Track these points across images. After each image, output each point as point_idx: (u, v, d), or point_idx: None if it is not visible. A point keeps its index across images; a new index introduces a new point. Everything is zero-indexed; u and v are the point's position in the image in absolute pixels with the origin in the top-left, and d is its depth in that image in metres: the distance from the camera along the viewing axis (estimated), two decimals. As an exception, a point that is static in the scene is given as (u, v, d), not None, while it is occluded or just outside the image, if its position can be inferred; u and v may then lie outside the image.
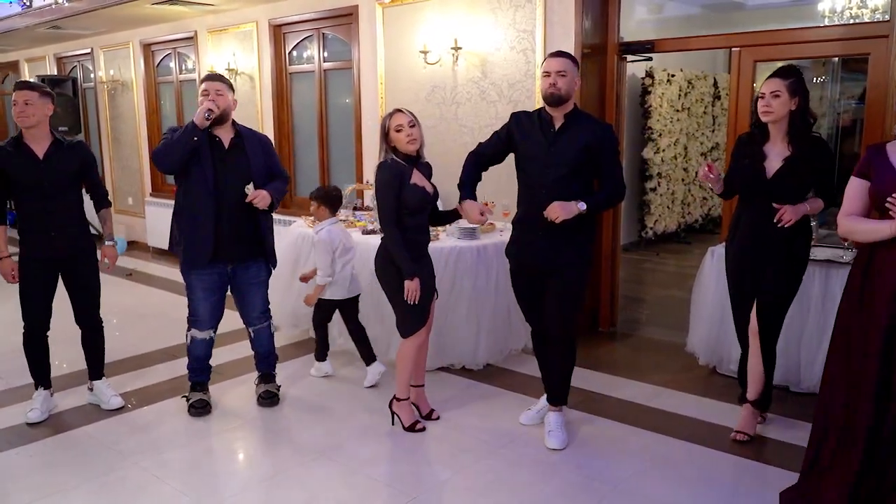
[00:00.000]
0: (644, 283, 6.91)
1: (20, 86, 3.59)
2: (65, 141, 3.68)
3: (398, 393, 3.56)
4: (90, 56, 9.10)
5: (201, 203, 3.60)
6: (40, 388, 3.81)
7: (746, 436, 3.41)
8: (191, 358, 3.89)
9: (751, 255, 3.30)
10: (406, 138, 3.29)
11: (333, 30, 6.24)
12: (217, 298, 3.82)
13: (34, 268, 3.65)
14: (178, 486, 3.08)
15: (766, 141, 3.25)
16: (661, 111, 7.94)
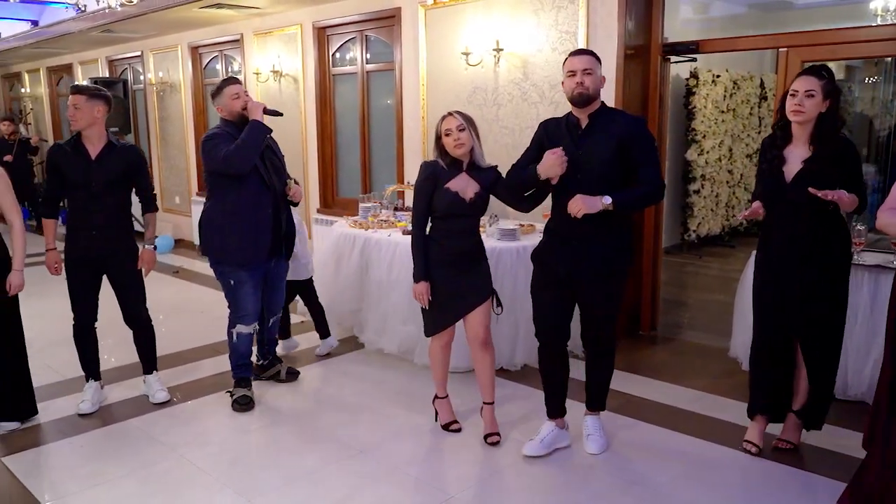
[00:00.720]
0: (686, 286, 6.82)
1: (71, 90, 3.73)
2: (118, 143, 3.80)
3: (436, 390, 3.62)
4: (140, 59, 9.35)
5: (260, 202, 3.76)
6: (91, 381, 3.94)
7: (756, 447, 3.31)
8: (236, 354, 3.97)
9: (786, 265, 3.11)
10: (453, 142, 3.24)
11: (376, 32, 6.30)
12: (261, 292, 3.97)
13: (76, 264, 3.78)
14: (222, 479, 3.16)
15: (787, 143, 3.10)
16: (705, 112, 7.82)
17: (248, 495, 3.02)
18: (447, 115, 3.30)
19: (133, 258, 3.85)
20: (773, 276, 3.20)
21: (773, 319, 3.22)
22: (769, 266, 3.22)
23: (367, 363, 4.59)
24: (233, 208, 3.74)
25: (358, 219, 5.17)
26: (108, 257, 3.78)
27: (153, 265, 3.93)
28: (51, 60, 11.48)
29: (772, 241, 3.19)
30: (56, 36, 9.02)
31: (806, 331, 3.17)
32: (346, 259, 4.88)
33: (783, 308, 3.17)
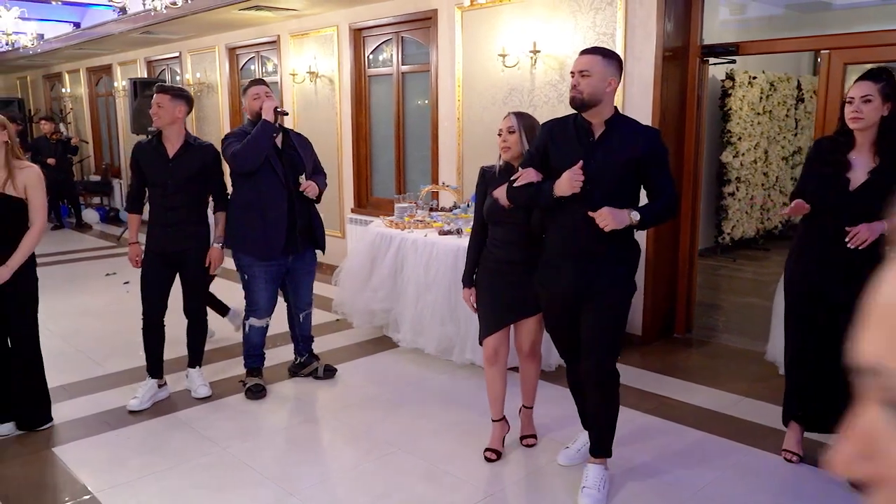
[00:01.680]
0: (720, 289, 6.77)
1: (157, 89, 3.84)
2: (195, 142, 3.89)
3: (491, 410, 3.39)
4: (178, 59, 9.52)
5: (274, 198, 3.90)
6: (148, 378, 4.00)
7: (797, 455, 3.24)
8: (248, 345, 4.18)
9: (822, 275, 3.00)
10: (500, 144, 3.15)
11: (412, 33, 6.35)
12: (275, 288, 4.13)
13: (152, 258, 3.91)
14: (264, 473, 3.23)
15: (851, 149, 2.94)
16: (741, 114, 7.75)
17: (290, 489, 3.08)
18: (508, 114, 3.18)
19: (204, 256, 3.94)
20: (817, 283, 3.05)
21: (810, 326, 3.09)
22: (814, 271, 3.06)
23: (403, 362, 4.64)
24: (247, 204, 3.91)
25: (394, 218, 5.22)
26: (183, 253, 3.88)
27: (220, 263, 4.02)
28: (91, 61, 11.74)
29: (819, 248, 3.03)
30: (98, 37, 9.22)
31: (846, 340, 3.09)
32: (381, 258, 4.94)
33: (824, 315, 3.03)
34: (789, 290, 3.20)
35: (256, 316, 4.11)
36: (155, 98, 3.79)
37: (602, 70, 2.66)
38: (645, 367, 4.38)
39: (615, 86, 2.71)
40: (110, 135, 12.00)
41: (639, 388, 4.08)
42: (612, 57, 2.73)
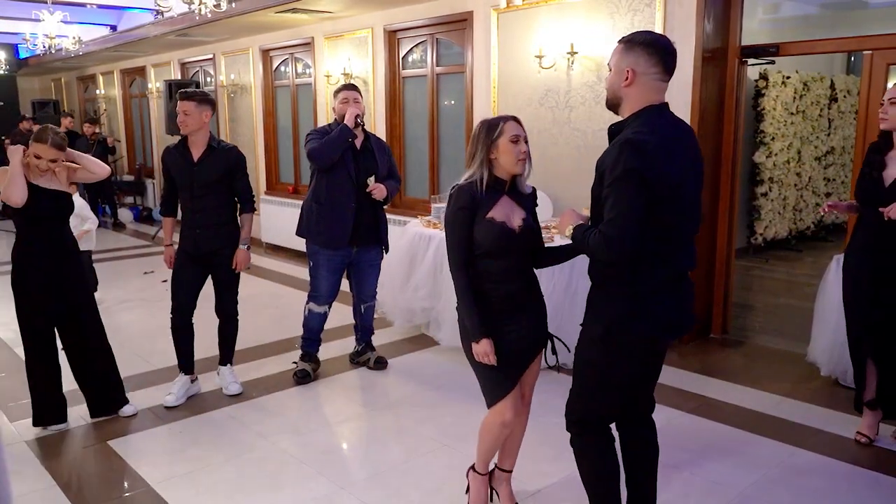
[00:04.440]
0: (753, 289, 6.75)
1: (181, 96, 3.91)
2: (218, 146, 3.98)
3: (476, 464, 2.87)
4: (212, 61, 9.66)
5: (344, 194, 4.14)
6: (181, 374, 4.11)
7: (867, 438, 3.40)
8: (306, 329, 4.39)
9: (869, 265, 3.27)
10: (518, 154, 2.52)
11: (447, 35, 6.41)
12: (337, 278, 4.33)
13: (183, 259, 4.02)
14: (315, 467, 3.30)
15: (890, 149, 3.23)
16: (774, 114, 7.72)
17: (341, 483, 3.15)
18: (509, 117, 2.56)
19: (231, 256, 4.04)
20: (862, 275, 3.32)
21: (859, 314, 3.36)
22: (860, 265, 3.34)
23: (444, 360, 4.70)
24: (318, 196, 4.21)
25: (431, 218, 5.28)
26: (213, 255, 3.99)
27: (247, 264, 4.11)
28: (125, 63, 11.94)
29: (862, 242, 3.32)
30: (134, 40, 9.39)
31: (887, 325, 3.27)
32: (421, 258, 5.01)
33: (872, 303, 3.30)
34: (845, 279, 3.47)
35: (316, 302, 4.34)
36: (180, 106, 3.86)
37: (617, 61, 2.25)
38: (684, 368, 4.41)
39: (633, 77, 2.18)
40: (143, 136, 12.20)
41: (679, 388, 4.10)
42: (633, 41, 2.23)
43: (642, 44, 2.21)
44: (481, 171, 2.53)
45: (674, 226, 2.23)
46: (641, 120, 2.18)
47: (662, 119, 2.22)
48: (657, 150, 2.12)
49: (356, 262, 4.38)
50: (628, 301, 2.24)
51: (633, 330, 2.26)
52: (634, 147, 2.09)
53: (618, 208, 2.11)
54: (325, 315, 4.39)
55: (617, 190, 2.12)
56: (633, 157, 2.08)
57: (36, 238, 3.56)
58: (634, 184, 2.09)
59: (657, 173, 2.11)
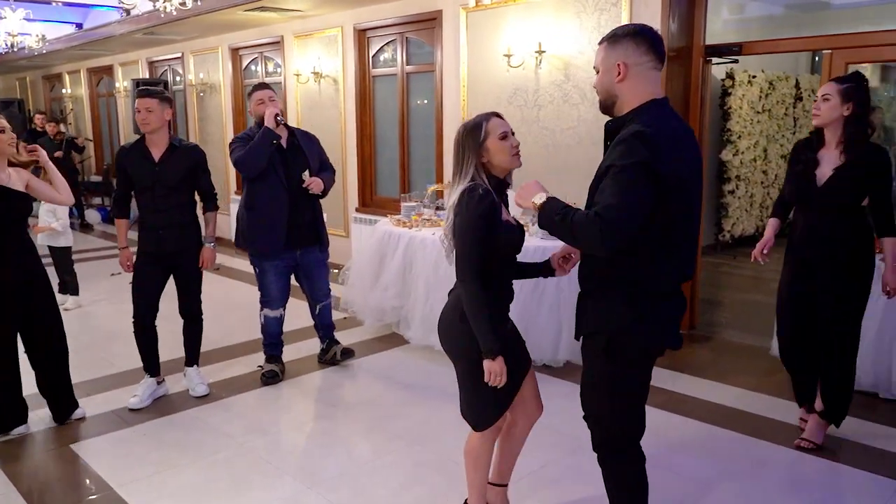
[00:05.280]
0: (721, 286, 6.84)
1: (142, 93, 3.84)
2: (180, 144, 3.93)
3: (469, 497, 2.70)
4: (180, 60, 9.55)
5: (276, 198, 4.08)
6: (147, 376, 4.06)
7: (812, 444, 3.38)
8: (265, 334, 4.40)
9: (814, 262, 3.23)
10: (512, 150, 2.38)
11: (417, 34, 6.41)
12: (285, 280, 4.32)
13: (144, 261, 3.94)
14: (282, 467, 3.28)
15: (821, 146, 3.22)
16: (740, 113, 7.83)
17: (308, 483, 3.14)
18: (490, 115, 2.42)
19: (197, 256, 4.00)
20: (799, 274, 3.33)
21: (797, 316, 3.36)
22: (796, 264, 3.34)
23: (413, 358, 4.70)
24: (251, 204, 4.16)
25: (401, 217, 5.28)
26: (177, 255, 3.93)
27: (213, 262, 4.07)
28: (92, 62, 11.76)
29: (799, 241, 3.30)
30: (100, 38, 9.25)
31: (828, 327, 3.28)
32: (390, 257, 5.00)
33: (808, 304, 3.30)
34: (781, 278, 3.48)
35: (270, 307, 4.33)
36: (142, 103, 3.76)
37: (604, 59, 2.14)
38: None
39: (626, 71, 2.08)
40: (111, 135, 12.03)
41: (646, 383, 4.15)
42: (617, 35, 2.13)
43: (627, 35, 2.10)
44: (480, 177, 2.36)
45: (680, 226, 2.10)
46: (649, 114, 2.05)
47: (669, 112, 2.13)
48: (667, 143, 1.99)
49: (302, 264, 4.32)
50: (631, 306, 2.11)
51: (638, 339, 2.14)
52: (646, 139, 1.95)
53: (623, 196, 1.93)
54: (282, 317, 4.37)
55: (624, 179, 1.94)
56: (645, 150, 1.94)
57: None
58: (644, 176, 1.94)
59: (669, 168, 1.97)
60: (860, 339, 3.80)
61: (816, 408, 3.44)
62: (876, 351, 3.87)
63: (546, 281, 4.37)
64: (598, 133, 5.02)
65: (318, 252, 4.37)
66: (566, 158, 5.25)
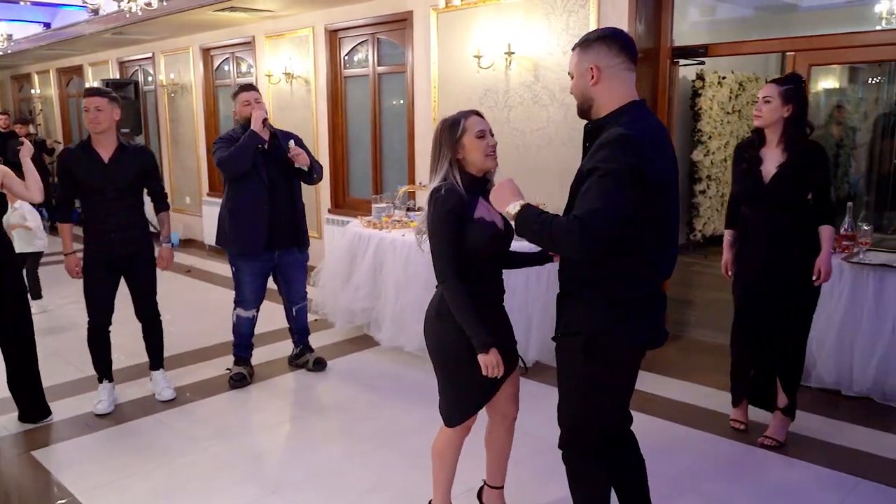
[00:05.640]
0: (692, 285, 6.90)
1: (91, 92, 3.76)
2: (129, 145, 3.87)
3: (434, 497, 2.72)
4: (151, 60, 9.45)
5: (257, 199, 4.06)
6: (105, 381, 3.99)
7: (776, 441, 3.44)
8: (236, 335, 4.34)
9: (767, 258, 3.31)
10: (487, 149, 2.40)
11: (388, 35, 6.39)
12: (262, 282, 4.28)
13: (96, 265, 3.83)
14: (247, 472, 3.26)
15: (763, 145, 3.31)
16: (711, 113, 7.91)
17: (273, 488, 3.12)
18: (470, 113, 2.45)
19: (151, 257, 3.94)
20: (750, 270, 3.40)
21: (751, 311, 3.44)
22: (748, 260, 3.41)
23: (383, 360, 4.69)
24: (233, 203, 4.14)
25: (372, 219, 5.27)
26: (130, 258, 3.86)
27: (171, 262, 4.02)
28: (61, 62, 11.59)
29: (750, 238, 3.38)
30: (68, 38, 9.12)
31: (780, 322, 3.36)
32: (361, 258, 4.99)
33: (761, 300, 3.38)
34: (735, 273, 3.55)
35: (243, 308, 4.29)
36: (91, 102, 3.67)
37: (577, 64, 2.15)
38: (620, 362, 4.48)
39: (599, 74, 2.08)
40: (81, 136, 11.79)
41: (614, 383, 4.17)
42: (588, 40, 2.15)
43: (598, 39, 2.12)
44: (453, 174, 2.38)
45: (661, 227, 2.12)
46: (629, 116, 2.05)
47: (647, 114, 2.13)
48: (650, 145, 2.00)
49: (280, 265, 4.30)
50: (610, 308, 2.10)
51: (618, 341, 2.13)
52: (631, 143, 1.95)
53: (606, 201, 1.92)
54: (254, 319, 4.34)
55: (608, 183, 1.93)
56: (631, 154, 1.93)
57: None
58: (629, 182, 1.93)
59: (653, 170, 1.98)
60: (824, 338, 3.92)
61: (780, 405, 3.48)
62: (838, 349, 3.93)
63: (514, 281, 4.38)
64: (568, 134, 5.07)
65: (298, 253, 4.35)
66: (536, 159, 5.27)
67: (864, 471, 3.17)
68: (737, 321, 3.56)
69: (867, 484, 3.07)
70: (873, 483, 3.07)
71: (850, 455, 3.33)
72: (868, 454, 3.34)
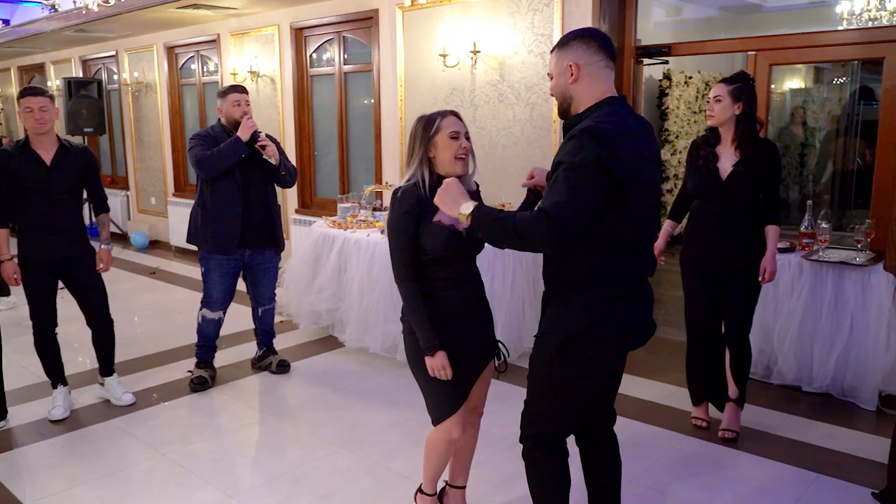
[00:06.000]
0: (659, 283, 6.94)
1: (33, 91, 3.62)
2: (71, 146, 3.75)
3: (424, 485, 2.75)
4: (115, 58, 9.28)
5: (230, 197, 4.01)
6: (59, 386, 3.90)
7: (734, 433, 3.51)
8: (200, 336, 4.27)
9: (720, 253, 3.36)
10: (458, 150, 2.36)
11: (354, 33, 6.34)
12: (231, 282, 4.21)
13: (36, 270, 3.70)
14: (205, 477, 3.19)
15: (718, 143, 3.37)
16: (678, 113, 7.97)
17: (231, 493, 3.06)
18: (447, 112, 2.42)
19: (94, 259, 3.83)
20: (703, 254, 3.43)
21: (706, 306, 3.50)
22: (700, 247, 3.45)
23: (347, 361, 4.64)
24: (204, 202, 4.09)
25: (337, 219, 5.21)
26: (72, 261, 3.75)
27: (110, 264, 3.90)
28: (22, 60, 11.33)
29: (704, 228, 3.41)
30: (28, 35, 8.92)
31: (732, 314, 3.44)
32: (325, 259, 4.93)
33: (715, 293, 3.45)
34: (684, 273, 3.60)
35: (210, 308, 4.22)
36: (36, 102, 3.55)
37: (556, 63, 2.15)
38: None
39: (578, 71, 2.08)
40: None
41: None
42: (565, 39, 2.15)
43: (576, 38, 2.12)
44: (421, 172, 2.37)
45: (638, 225, 2.09)
46: (604, 110, 2.04)
47: (624, 110, 2.10)
48: (622, 139, 1.97)
49: (250, 265, 4.25)
50: (590, 309, 2.07)
51: (597, 342, 2.10)
52: (596, 135, 1.92)
53: (571, 193, 1.89)
54: (220, 321, 4.27)
55: (573, 176, 1.91)
56: (595, 145, 1.91)
57: None
58: (594, 173, 1.90)
59: (621, 163, 1.94)
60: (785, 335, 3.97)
61: (731, 396, 3.54)
62: (798, 346, 3.97)
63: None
64: (533, 133, 5.07)
65: (270, 254, 4.29)
66: (502, 158, 5.26)
67: (822, 466, 3.20)
68: (689, 318, 3.62)
69: (825, 479, 3.10)
70: (830, 478, 3.10)
71: (810, 450, 3.36)
72: (826, 449, 3.37)
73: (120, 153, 9.74)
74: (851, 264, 3.80)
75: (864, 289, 3.77)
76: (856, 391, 3.82)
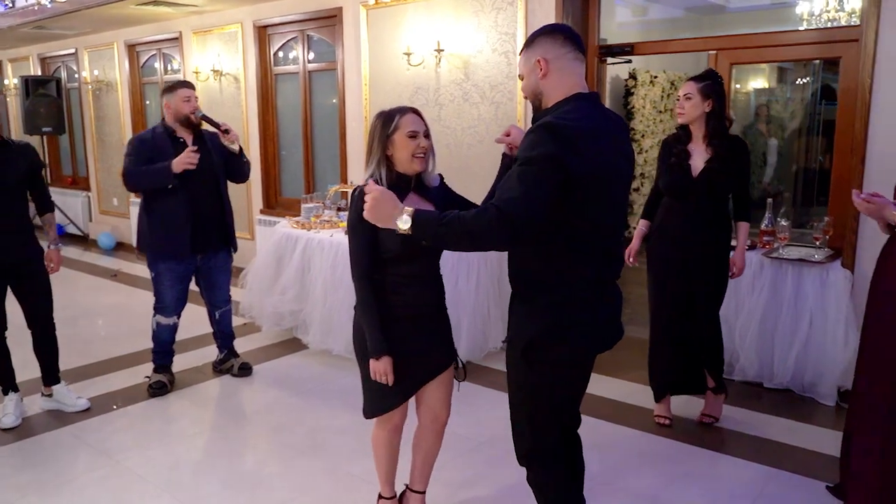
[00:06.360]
0: (627, 282, 6.94)
1: None
2: (13, 142, 3.64)
3: (380, 487, 2.77)
4: (74, 56, 9.08)
5: (177, 201, 3.88)
6: (11, 392, 3.78)
7: (714, 418, 3.61)
8: (156, 342, 4.18)
9: (690, 250, 3.38)
10: (416, 149, 2.35)
11: (318, 31, 6.27)
12: (183, 287, 4.11)
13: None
14: (161, 485, 3.11)
15: (689, 141, 3.39)
16: (644, 112, 8.02)
17: (187, 500, 2.99)
18: (407, 109, 2.43)
19: (42, 261, 3.71)
20: (675, 269, 3.45)
21: (673, 302, 3.52)
22: (671, 251, 3.45)
23: (310, 364, 4.57)
24: (148, 207, 3.99)
25: (300, 219, 5.14)
26: (21, 264, 3.63)
27: (60, 264, 3.78)
28: (-21, 57, 11.05)
29: (674, 230, 3.42)
30: (-16, 32, 8.68)
31: (703, 310, 3.48)
32: (288, 260, 4.86)
33: (684, 289, 3.46)
34: (651, 268, 3.61)
35: (163, 314, 4.12)
36: None
37: (525, 61, 2.10)
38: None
39: (547, 66, 2.03)
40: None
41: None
42: (533, 37, 2.11)
43: (542, 34, 2.07)
44: (380, 170, 2.34)
45: (601, 225, 2.02)
46: (568, 106, 1.98)
47: (591, 107, 2.02)
48: (581, 136, 1.90)
49: (203, 268, 4.15)
50: (552, 311, 2.00)
51: (559, 343, 2.02)
52: (552, 130, 1.87)
53: (524, 188, 1.83)
54: (175, 326, 4.17)
55: (527, 171, 1.84)
56: (549, 141, 1.85)
57: None
58: (547, 168, 1.84)
59: (579, 160, 1.87)
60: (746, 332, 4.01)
61: (710, 386, 3.61)
62: (759, 343, 4.00)
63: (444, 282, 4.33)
64: (498, 132, 5.03)
65: (224, 256, 4.20)
66: (467, 157, 5.23)
67: (781, 461, 3.23)
68: (655, 313, 3.64)
69: (784, 474, 3.12)
70: (789, 473, 3.13)
71: (770, 446, 3.39)
72: (787, 445, 3.40)
73: (80, 153, 9.53)
74: (810, 261, 3.84)
75: (823, 285, 3.81)
76: (815, 387, 3.86)
